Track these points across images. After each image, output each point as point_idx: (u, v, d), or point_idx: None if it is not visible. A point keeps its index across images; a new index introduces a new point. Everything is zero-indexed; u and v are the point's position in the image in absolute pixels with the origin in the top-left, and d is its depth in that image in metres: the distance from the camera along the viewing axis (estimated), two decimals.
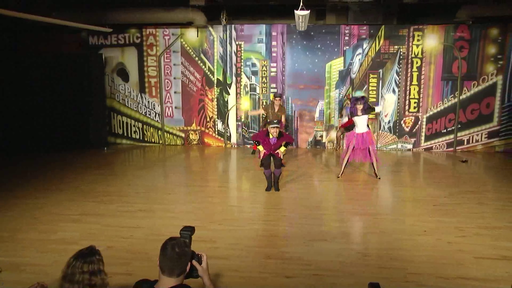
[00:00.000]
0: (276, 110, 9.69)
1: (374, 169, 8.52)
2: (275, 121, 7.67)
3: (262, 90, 11.82)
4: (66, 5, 10.52)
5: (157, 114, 12.24)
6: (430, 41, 11.24)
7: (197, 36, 11.74)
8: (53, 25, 9.91)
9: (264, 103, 11.48)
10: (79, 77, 11.34)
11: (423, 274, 4.46)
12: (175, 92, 12.09)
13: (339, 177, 8.58)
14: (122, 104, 12.24)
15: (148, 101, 12.19)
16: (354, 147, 8.45)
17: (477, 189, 7.83)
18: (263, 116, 10.91)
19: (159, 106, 12.18)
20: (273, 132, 7.54)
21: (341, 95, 11.60)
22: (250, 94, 11.89)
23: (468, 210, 6.55)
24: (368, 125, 8.55)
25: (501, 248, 5.11)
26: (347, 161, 8.56)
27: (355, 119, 8.47)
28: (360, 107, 8.33)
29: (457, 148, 11.62)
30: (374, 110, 8.80)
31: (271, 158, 7.76)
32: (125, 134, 12.43)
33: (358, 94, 9.90)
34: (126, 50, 11.97)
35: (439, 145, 11.68)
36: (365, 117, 8.41)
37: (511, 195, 7.45)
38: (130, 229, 5.68)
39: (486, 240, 5.38)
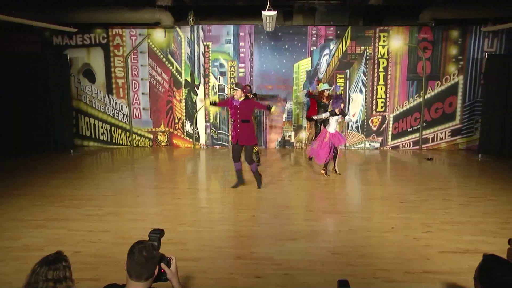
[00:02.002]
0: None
1: (335, 164, 8.70)
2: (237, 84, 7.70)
3: (230, 91, 11.79)
4: (27, 3, 10.16)
5: (125, 116, 12.05)
6: (395, 42, 11.47)
7: (165, 37, 11.62)
8: (13, 24, 9.56)
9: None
10: (43, 78, 11.04)
11: (391, 270, 4.55)
12: (142, 93, 11.93)
13: (339, 173, 8.77)
14: (89, 106, 11.99)
15: (116, 103, 11.99)
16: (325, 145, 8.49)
17: (441, 186, 8.06)
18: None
19: (127, 107, 11.99)
20: (235, 94, 7.52)
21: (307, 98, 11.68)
22: (219, 94, 11.85)
23: (434, 207, 6.74)
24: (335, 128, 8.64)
25: (464, 242, 5.29)
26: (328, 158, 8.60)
27: (332, 117, 8.49)
28: (342, 106, 8.49)
29: (422, 146, 11.90)
30: (345, 115, 8.75)
31: (242, 150, 7.66)
32: (93, 136, 12.19)
33: (325, 86, 9.96)
34: (92, 50, 11.73)
35: (405, 143, 11.93)
36: (338, 118, 8.50)
37: (473, 190, 7.70)
38: (98, 233, 5.57)
39: (450, 235, 5.55)
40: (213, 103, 8.40)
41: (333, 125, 8.49)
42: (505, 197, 7.24)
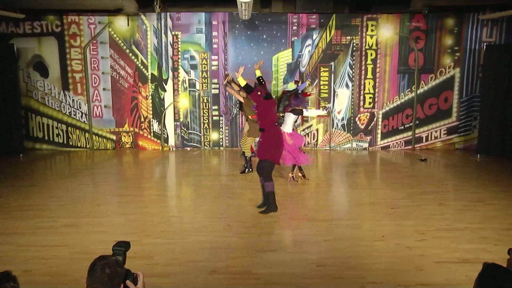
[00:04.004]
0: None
1: (294, 170, 8.62)
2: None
3: (202, 86, 11.73)
4: None
5: (83, 114, 11.87)
6: (384, 32, 11.58)
7: (128, 25, 11.50)
8: None
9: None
10: None
11: (382, 282, 4.56)
12: (104, 89, 11.79)
13: (296, 180, 8.65)
14: (41, 103, 11.77)
15: (73, 100, 11.80)
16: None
17: (437, 189, 8.15)
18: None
19: (86, 105, 11.82)
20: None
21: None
22: (189, 90, 11.78)
23: (428, 212, 6.79)
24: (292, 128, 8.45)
25: (462, 251, 5.33)
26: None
27: (290, 116, 8.34)
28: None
29: (415, 146, 12.04)
30: (299, 113, 8.46)
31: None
32: (46, 138, 11.97)
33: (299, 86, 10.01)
34: (44, 40, 11.51)
35: (396, 143, 12.05)
36: (292, 116, 8.36)
37: (471, 194, 7.79)
38: (52, 248, 5.45)
39: (446, 243, 5.59)
40: None
41: (290, 124, 8.36)
42: (506, 201, 7.34)
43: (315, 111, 8.84)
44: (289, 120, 8.32)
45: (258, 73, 7.52)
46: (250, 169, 9.32)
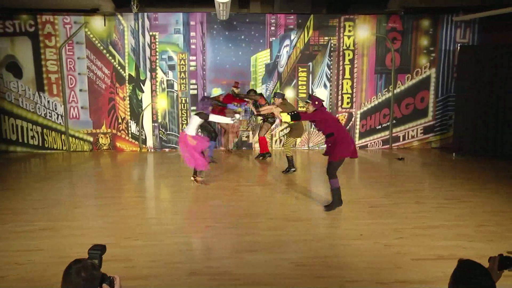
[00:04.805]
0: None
1: (195, 173, 8.51)
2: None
3: (180, 87, 11.66)
4: None
5: (59, 116, 11.69)
6: (362, 32, 11.68)
7: (104, 25, 11.36)
8: None
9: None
10: None
11: (361, 280, 4.61)
12: (80, 90, 11.62)
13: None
14: (15, 105, 11.54)
15: (48, 101, 11.61)
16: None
17: (414, 188, 8.25)
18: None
19: (62, 106, 11.64)
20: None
21: (268, 91, 11.71)
22: (168, 91, 11.70)
23: (406, 210, 6.88)
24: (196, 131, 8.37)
25: (438, 248, 5.42)
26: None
27: (196, 118, 8.26)
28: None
29: (393, 145, 12.16)
30: (204, 118, 8.33)
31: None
32: (20, 140, 11.74)
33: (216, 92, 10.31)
34: (17, 40, 11.28)
35: (374, 142, 12.16)
36: (198, 119, 8.24)
37: (447, 192, 7.92)
38: (28, 252, 5.35)
39: (423, 240, 5.68)
40: None
41: (194, 127, 8.25)
42: (481, 198, 7.49)
43: (222, 118, 8.77)
44: (194, 123, 8.22)
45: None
46: (294, 169, 9.46)
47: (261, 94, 10.78)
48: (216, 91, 11.52)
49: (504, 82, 10.32)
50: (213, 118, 8.43)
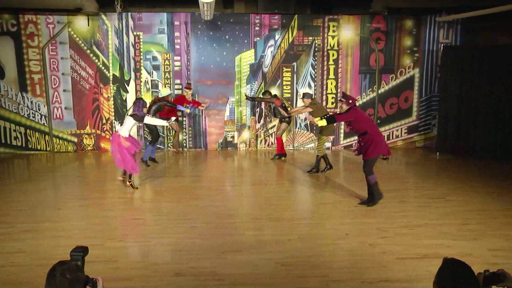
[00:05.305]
0: None
1: (124, 173, 8.41)
2: None
3: (165, 87, 11.61)
4: None
5: (43, 117, 11.56)
6: (346, 32, 11.72)
7: (88, 25, 11.27)
8: None
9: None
10: None
11: (346, 280, 4.63)
12: (64, 91, 11.51)
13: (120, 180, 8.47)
14: None
15: (32, 102, 11.47)
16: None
17: (398, 187, 8.32)
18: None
19: (46, 107, 11.52)
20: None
21: (253, 91, 11.71)
22: (152, 91, 11.63)
23: (390, 210, 6.93)
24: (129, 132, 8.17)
25: (422, 247, 5.47)
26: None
27: (130, 120, 8.09)
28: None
29: None
30: (139, 120, 8.16)
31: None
32: (3, 141, 11.58)
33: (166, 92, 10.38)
34: None
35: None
36: (131, 121, 8.07)
37: (431, 191, 7.99)
38: (10, 255, 5.30)
39: (407, 239, 5.73)
40: None
41: (127, 128, 8.07)
42: (464, 197, 7.57)
43: (157, 120, 8.73)
44: (128, 124, 8.06)
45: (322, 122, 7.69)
46: (330, 167, 9.54)
47: (276, 96, 10.77)
48: (164, 92, 11.47)
49: (486, 82, 10.41)
50: (148, 120, 8.35)
